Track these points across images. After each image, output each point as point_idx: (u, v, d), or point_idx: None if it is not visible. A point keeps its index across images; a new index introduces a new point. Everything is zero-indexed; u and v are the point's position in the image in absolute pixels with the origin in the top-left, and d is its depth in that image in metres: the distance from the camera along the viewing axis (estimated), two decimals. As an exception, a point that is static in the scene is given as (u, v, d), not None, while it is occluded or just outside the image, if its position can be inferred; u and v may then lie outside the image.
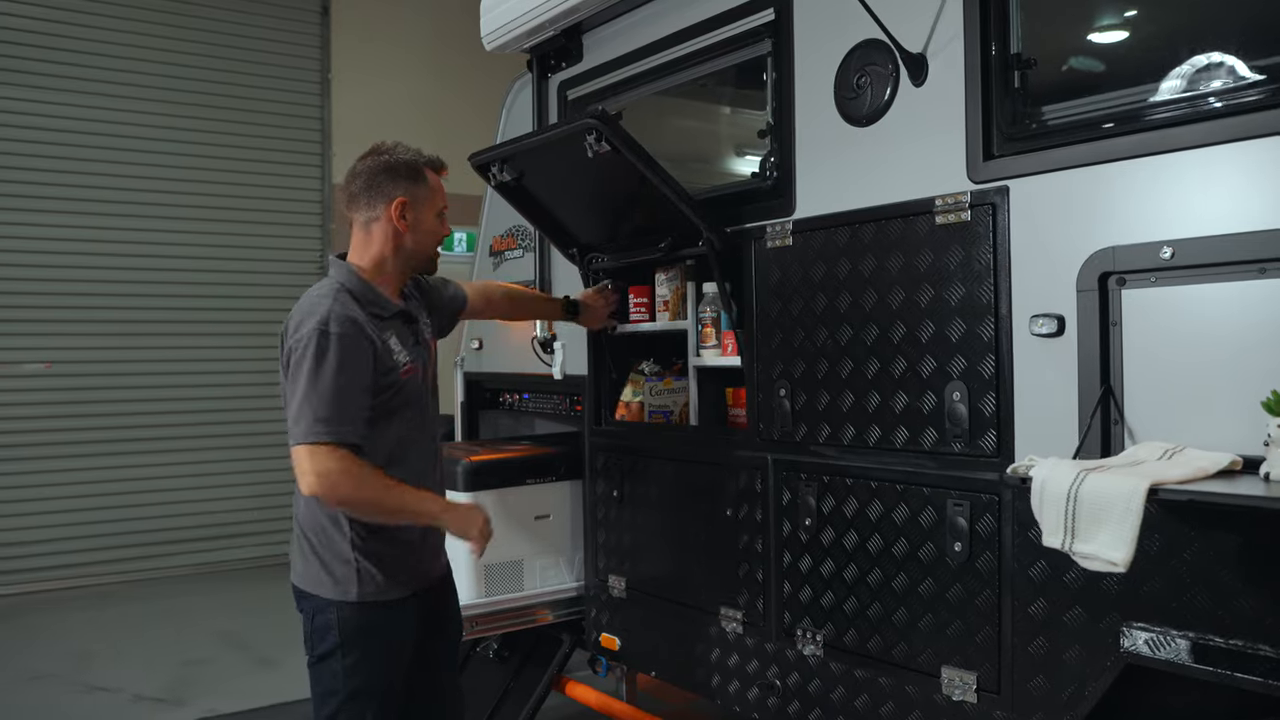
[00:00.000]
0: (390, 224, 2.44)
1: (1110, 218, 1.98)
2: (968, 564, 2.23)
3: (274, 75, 8.19)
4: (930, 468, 2.31)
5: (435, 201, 2.51)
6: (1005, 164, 2.16)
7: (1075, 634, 2.02)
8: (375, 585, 2.40)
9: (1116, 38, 2.21)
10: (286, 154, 8.26)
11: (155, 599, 6.99)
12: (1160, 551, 1.85)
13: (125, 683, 5.14)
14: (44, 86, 7.25)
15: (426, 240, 2.52)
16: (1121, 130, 1.96)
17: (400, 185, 2.44)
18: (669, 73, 3.14)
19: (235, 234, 7.97)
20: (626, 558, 3.29)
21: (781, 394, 2.68)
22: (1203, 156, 1.84)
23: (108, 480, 7.45)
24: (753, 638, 2.80)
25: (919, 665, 2.34)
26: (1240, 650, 1.74)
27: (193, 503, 7.75)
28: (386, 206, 2.44)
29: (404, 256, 2.49)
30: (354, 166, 2.49)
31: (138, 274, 7.59)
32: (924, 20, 2.31)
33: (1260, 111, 1.76)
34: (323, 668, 2.43)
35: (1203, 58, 1.88)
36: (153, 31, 7.65)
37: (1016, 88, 2.17)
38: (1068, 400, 2.04)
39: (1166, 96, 1.93)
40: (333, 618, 2.39)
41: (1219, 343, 1.82)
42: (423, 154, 2.53)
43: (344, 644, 2.39)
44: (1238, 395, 1.76)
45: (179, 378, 7.74)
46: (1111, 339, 1.97)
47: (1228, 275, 1.80)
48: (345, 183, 2.50)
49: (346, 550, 2.40)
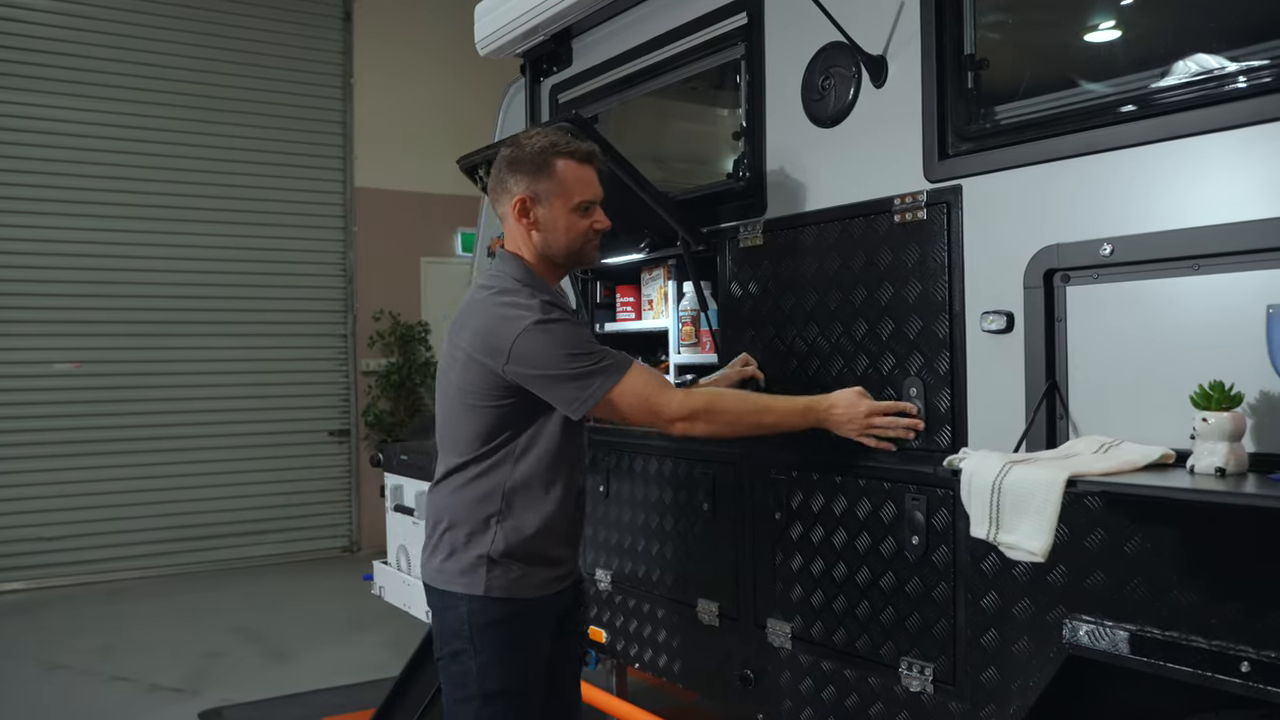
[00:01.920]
0: (516, 223, 2.30)
1: (1055, 215, 2.00)
2: (924, 558, 2.26)
3: (297, 80, 8.36)
4: (890, 463, 2.35)
5: (569, 194, 2.26)
6: (958, 163, 2.19)
7: (1024, 626, 2.05)
8: (511, 581, 2.25)
9: (1063, 39, 2.24)
10: (309, 158, 8.43)
11: (174, 594, 7.18)
12: (1102, 545, 1.88)
13: (143, 673, 5.29)
14: (75, 94, 7.49)
15: (560, 237, 2.29)
16: (1065, 129, 1.99)
17: (522, 181, 2.26)
18: (653, 76, 3.20)
19: (259, 236, 8.15)
20: (613, 552, 3.35)
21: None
22: (1140, 154, 1.86)
23: (130, 478, 7.67)
24: (728, 630, 2.85)
25: (880, 657, 2.38)
26: (1174, 641, 1.77)
27: (212, 500, 7.94)
28: (510, 205, 2.29)
29: (543, 255, 2.31)
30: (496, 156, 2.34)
31: (162, 276, 7.79)
32: (884, 22, 2.35)
33: (1192, 110, 1.78)
34: (454, 667, 2.27)
35: (1141, 60, 1.91)
36: (178, 39, 7.85)
37: (970, 88, 2.20)
38: (1018, 396, 2.07)
39: (1106, 97, 1.96)
40: (463, 612, 2.24)
41: (1156, 338, 1.85)
42: (562, 141, 2.28)
43: (474, 640, 2.24)
44: (1174, 389, 1.78)
45: (202, 377, 7.93)
46: (1056, 335, 2.00)
47: (1164, 271, 1.83)
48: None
49: (485, 544, 2.25)
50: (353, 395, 8.62)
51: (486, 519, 2.26)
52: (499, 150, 2.37)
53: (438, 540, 2.32)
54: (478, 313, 2.26)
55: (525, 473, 2.26)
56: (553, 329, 2.17)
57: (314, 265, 8.44)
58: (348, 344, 8.60)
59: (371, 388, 8.65)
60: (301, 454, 8.36)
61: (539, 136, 2.29)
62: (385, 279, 8.60)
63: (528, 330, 2.16)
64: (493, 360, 2.19)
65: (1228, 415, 1.63)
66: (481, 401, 2.25)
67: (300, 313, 8.36)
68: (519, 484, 2.26)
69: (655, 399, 2.22)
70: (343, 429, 8.58)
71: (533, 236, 2.29)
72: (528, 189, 2.26)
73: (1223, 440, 1.62)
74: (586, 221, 2.30)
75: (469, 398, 2.26)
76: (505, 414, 2.25)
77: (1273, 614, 1.63)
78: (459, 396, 2.28)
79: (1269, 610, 1.64)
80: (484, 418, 2.25)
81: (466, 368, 2.25)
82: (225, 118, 8.00)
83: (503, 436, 2.26)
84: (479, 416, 2.26)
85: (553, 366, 2.16)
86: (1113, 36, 2.14)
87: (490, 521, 2.25)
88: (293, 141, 8.32)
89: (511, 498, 2.26)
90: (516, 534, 2.26)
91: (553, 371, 2.16)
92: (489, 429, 2.26)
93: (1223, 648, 1.69)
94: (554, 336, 2.17)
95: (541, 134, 2.30)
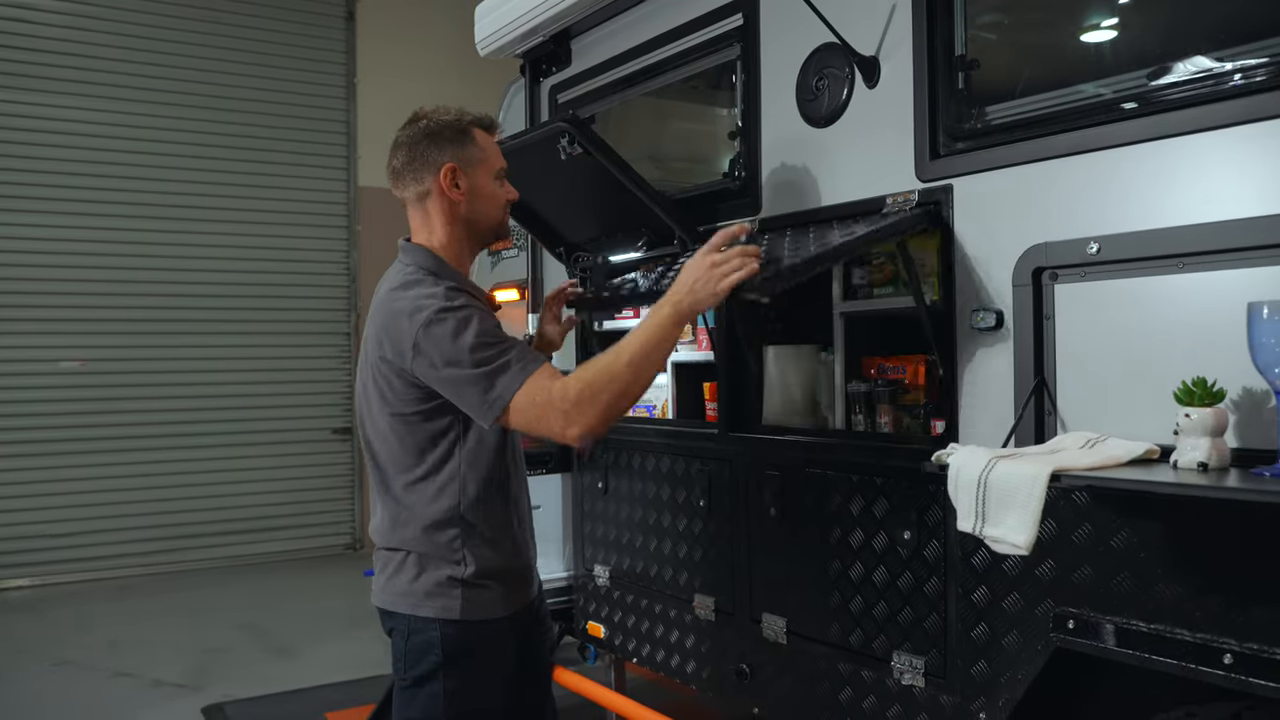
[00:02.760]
0: (444, 196, 2.15)
1: (1044, 214, 2.03)
2: (916, 553, 2.29)
3: (300, 79, 8.38)
4: (883, 458, 2.38)
5: (490, 163, 2.20)
6: (949, 163, 2.22)
7: (1013, 620, 2.08)
8: (484, 600, 2.12)
9: (1052, 41, 2.26)
10: (313, 156, 8.46)
11: (178, 591, 7.21)
12: (1089, 540, 1.91)
13: (146, 669, 5.32)
14: (77, 94, 7.50)
15: (487, 206, 2.20)
16: (1053, 130, 2.02)
17: (446, 150, 2.14)
18: (651, 76, 3.22)
19: (263, 235, 8.19)
20: (611, 548, 3.38)
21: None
22: (1127, 155, 1.89)
23: (134, 475, 7.69)
24: (724, 625, 2.88)
25: (873, 651, 2.41)
26: (1160, 634, 1.80)
27: (216, 497, 7.97)
28: (435, 177, 2.14)
29: (467, 229, 2.19)
30: (395, 138, 2.20)
31: (166, 274, 7.82)
32: (876, 24, 2.38)
33: (1176, 111, 1.81)
34: (419, 691, 2.11)
35: (1128, 62, 1.93)
36: (182, 39, 7.87)
37: (960, 89, 2.23)
38: (1007, 392, 2.10)
39: (1094, 98, 1.98)
40: (435, 637, 2.09)
41: (1142, 335, 1.87)
42: (467, 112, 2.21)
43: (445, 666, 2.09)
44: (1159, 386, 1.81)
45: (206, 375, 7.96)
46: (1045, 332, 2.03)
47: (1149, 270, 1.86)
48: (389, 160, 2.20)
49: (454, 566, 2.10)
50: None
51: (451, 539, 2.09)
52: (501, 146, 2.30)
53: (400, 563, 2.13)
54: (382, 311, 2.10)
55: (478, 479, 2.11)
56: (456, 315, 1.98)
57: (318, 264, 8.48)
58: (351, 342, 8.63)
59: (374, 386, 8.67)
60: (305, 451, 8.39)
61: (443, 111, 2.19)
62: (388, 278, 8.60)
63: (430, 320, 1.98)
64: (400, 360, 2.02)
65: (1210, 411, 1.65)
66: (406, 409, 2.07)
67: (304, 310, 8.40)
68: (476, 493, 2.11)
69: (547, 407, 1.95)
70: (345, 427, 8.61)
71: (461, 209, 2.16)
72: (453, 157, 2.14)
73: (1205, 435, 1.65)
74: (504, 191, 2.23)
75: (393, 408, 2.09)
76: (436, 417, 2.07)
77: (1255, 607, 1.66)
78: (383, 409, 2.11)
79: (1251, 603, 1.66)
80: (415, 428, 2.08)
81: (378, 375, 2.09)
82: (229, 117, 8.04)
83: (444, 444, 2.09)
84: (410, 428, 2.09)
85: (455, 360, 1.96)
86: (1100, 39, 2.16)
87: (454, 540, 2.09)
88: (297, 141, 8.35)
89: (470, 511, 2.10)
90: (483, 551, 2.12)
91: (456, 369, 1.96)
92: (425, 439, 2.09)
93: (1206, 640, 1.72)
94: (457, 325, 1.97)
95: (442, 108, 2.20)
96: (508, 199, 2.25)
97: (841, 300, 2.61)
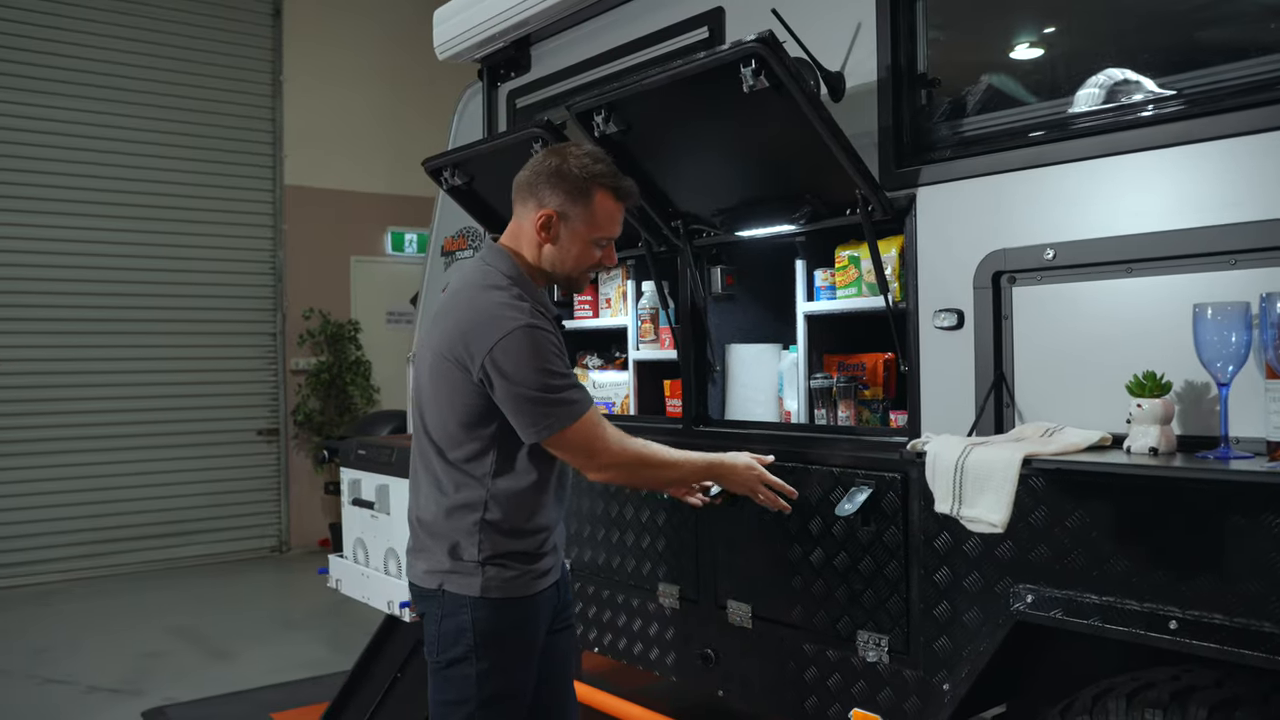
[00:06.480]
0: (532, 230, 2.24)
1: (1002, 222, 2.20)
2: (877, 538, 2.44)
3: (225, 76, 8.27)
4: (846, 449, 2.53)
5: (597, 229, 2.25)
6: (913, 174, 2.38)
7: (974, 597, 2.24)
8: (508, 581, 2.21)
9: (1009, 59, 2.44)
10: (238, 154, 8.35)
11: (104, 596, 7.06)
12: (1045, 521, 2.08)
13: (80, 675, 5.23)
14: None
15: (567, 262, 2.27)
16: (1011, 145, 2.20)
17: (559, 196, 2.21)
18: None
19: (187, 234, 8.05)
20: (572, 540, 3.47)
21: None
22: (1080, 169, 2.07)
23: (54, 479, 7.50)
24: (689, 613, 3.00)
25: (838, 631, 2.55)
26: (1110, 605, 1.97)
27: (140, 500, 7.82)
28: (534, 212, 2.23)
29: (541, 268, 2.28)
30: (538, 153, 2.28)
31: (90, 273, 7.64)
32: (842, 41, 2.53)
33: (1126, 130, 2.00)
34: (452, 673, 2.21)
35: (1081, 82, 2.12)
36: (100, 30, 7.70)
37: (923, 105, 2.39)
38: (967, 386, 2.27)
39: (1050, 115, 2.16)
40: (466, 620, 2.19)
41: (1094, 333, 2.05)
42: (609, 173, 2.24)
43: (477, 648, 2.19)
44: (1109, 380, 1.99)
45: (129, 376, 7.80)
46: (1004, 331, 2.20)
47: (1100, 274, 2.04)
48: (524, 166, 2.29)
49: (484, 546, 2.20)
50: (282, 394, 8.56)
51: (481, 520, 2.20)
52: (473, 150, 2.39)
53: (429, 541, 2.25)
54: (461, 306, 2.19)
55: (514, 469, 2.21)
56: (533, 336, 2.10)
57: (243, 263, 8.36)
58: (277, 342, 8.53)
59: (301, 386, 8.60)
60: (230, 453, 8.27)
61: (589, 159, 2.23)
62: (315, 277, 8.56)
63: (509, 332, 2.09)
64: (468, 357, 2.12)
65: (1159, 401, 1.83)
66: (459, 398, 2.18)
67: (229, 310, 8.28)
68: (510, 484, 2.21)
69: (589, 450, 2.18)
70: (271, 428, 8.51)
71: (543, 250, 2.25)
72: (559, 206, 2.21)
73: (1155, 424, 1.83)
74: (598, 255, 2.29)
75: (445, 394, 2.20)
76: (485, 409, 2.17)
77: (1197, 577, 1.84)
78: (435, 392, 2.22)
79: (1194, 574, 1.84)
80: (466, 414, 2.18)
81: (438, 364, 2.19)
82: (153, 113, 7.89)
83: (489, 430, 2.19)
84: (460, 414, 2.19)
85: (523, 380, 2.08)
86: (1055, 58, 2.34)
87: (484, 522, 2.19)
88: (222, 139, 8.23)
89: (503, 498, 2.21)
90: (513, 534, 2.22)
91: (522, 388, 2.09)
92: (474, 422, 2.18)
93: (1153, 609, 1.89)
94: (533, 346, 2.09)
95: (592, 157, 2.24)
96: (601, 264, 2.32)
97: (805, 301, 2.75)
